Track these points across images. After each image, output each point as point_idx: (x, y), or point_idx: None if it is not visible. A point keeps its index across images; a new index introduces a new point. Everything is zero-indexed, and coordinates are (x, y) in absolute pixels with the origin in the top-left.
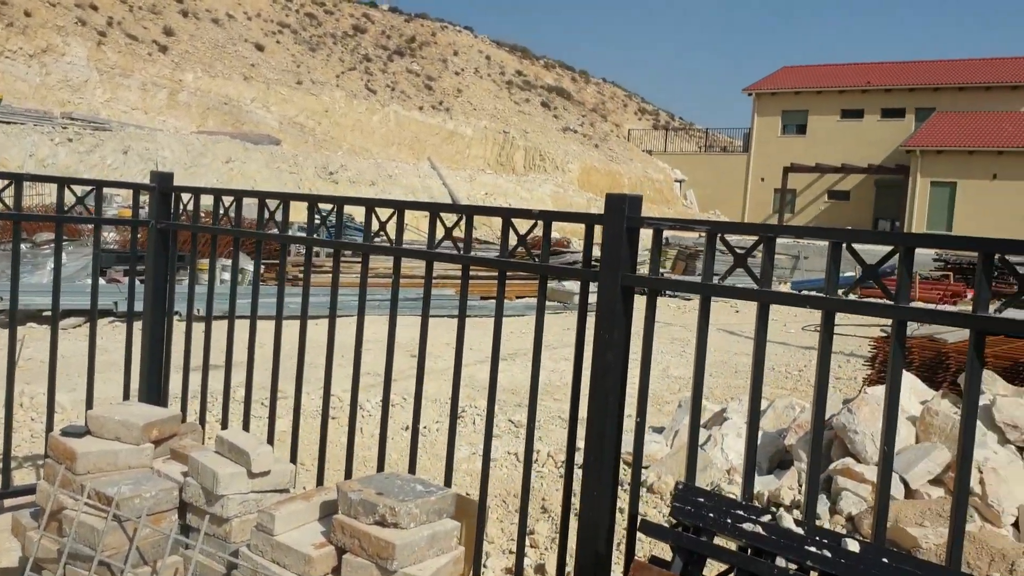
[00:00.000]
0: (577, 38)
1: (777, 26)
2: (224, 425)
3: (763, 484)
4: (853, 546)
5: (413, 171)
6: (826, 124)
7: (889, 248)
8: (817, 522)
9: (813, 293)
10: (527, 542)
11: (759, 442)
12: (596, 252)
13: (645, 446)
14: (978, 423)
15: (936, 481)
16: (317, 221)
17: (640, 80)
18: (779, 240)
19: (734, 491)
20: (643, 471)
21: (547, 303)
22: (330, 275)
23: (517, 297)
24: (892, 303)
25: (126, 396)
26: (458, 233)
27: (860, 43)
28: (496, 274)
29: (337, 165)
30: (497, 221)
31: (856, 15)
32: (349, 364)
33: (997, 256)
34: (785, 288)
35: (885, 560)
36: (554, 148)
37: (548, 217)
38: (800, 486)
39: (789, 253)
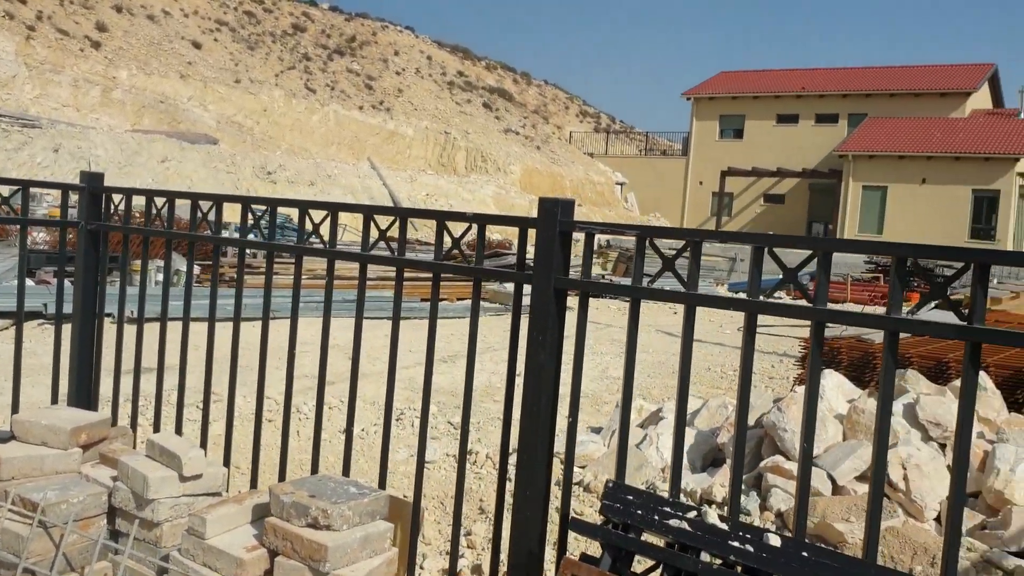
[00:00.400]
0: (519, 40)
1: (716, 31)
2: (156, 429)
3: (696, 482)
4: (774, 541)
5: (353, 171)
6: (762, 129)
7: (809, 252)
8: (748, 518)
9: (741, 295)
10: (464, 542)
11: (693, 441)
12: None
13: (583, 446)
14: (902, 421)
15: (862, 477)
16: (251, 222)
17: (582, 83)
18: (717, 243)
19: (668, 489)
20: (580, 470)
21: (490, 305)
22: (277, 277)
23: (458, 299)
24: (811, 305)
25: (54, 400)
26: (396, 234)
27: (796, 49)
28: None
29: (276, 165)
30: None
31: (793, 21)
32: (285, 366)
33: (909, 260)
34: (722, 289)
35: (805, 554)
36: (496, 149)
37: (482, 220)
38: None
39: (726, 255)
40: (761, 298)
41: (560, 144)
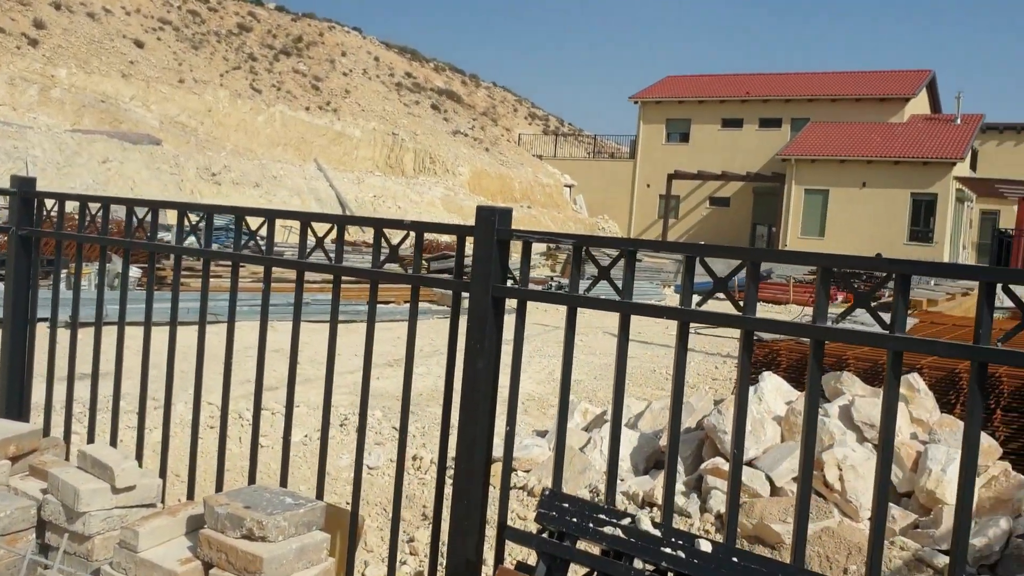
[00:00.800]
0: (468, 42)
1: (664, 35)
2: (91, 438)
3: (639, 484)
4: (706, 547)
5: (299, 172)
6: (708, 133)
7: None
8: (688, 520)
9: (673, 304)
10: (407, 549)
11: (637, 443)
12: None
13: (527, 450)
14: (838, 422)
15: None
16: (191, 227)
17: (530, 85)
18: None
19: None
20: (525, 475)
21: (437, 307)
22: (214, 280)
23: (405, 301)
24: (740, 314)
25: None
26: (351, 238)
27: (741, 53)
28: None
29: (220, 166)
30: (388, 217)
31: (738, 26)
32: (235, 372)
33: (835, 269)
34: (669, 291)
35: (735, 559)
36: (444, 151)
37: (419, 228)
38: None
39: (674, 258)
40: (693, 307)
41: (509, 146)
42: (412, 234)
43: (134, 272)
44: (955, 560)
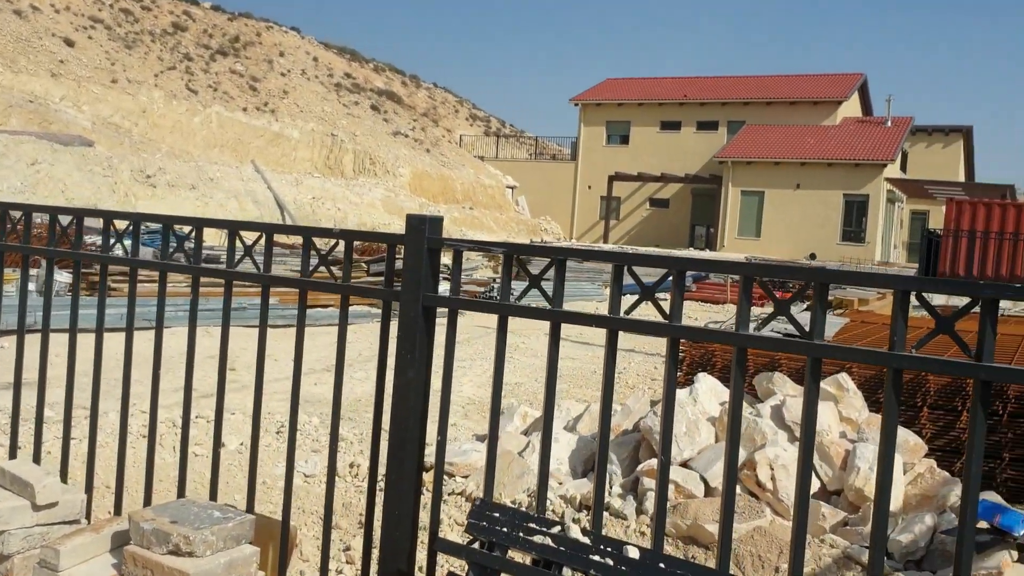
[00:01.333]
0: (407, 42)
1: (605, 38)
2: (12, 452)
3: (577, 487)
4: (634, 553)
5: (236, 174)
6: (647, 135)
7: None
8: (624, 523)
9: (603, 313)
10: (344, 558)
11: (575, 446)
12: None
13: (466, 455)
14: (770, 423)
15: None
16: (116, 235)
17: (471, 86)
18: (605, 247)
19: (552, 497)
20: (464, 480)
21: (376, 311)
22: (148, 285)
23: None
24: (666, 322)
25: None
26: (289, 241)
27: (681, 56)
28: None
29: (155, 168)
30: (327, 218)
31: (678, 29)
32: (169, 379)
33: (756, 279)
34: (607, 291)
35: (661, 565)
36: (384, 152)
37: (349, 236)
38: (610, 487)
39: (599, 260)
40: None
41: (450, 147)
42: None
43: (64, 278)
44: (873, 560)
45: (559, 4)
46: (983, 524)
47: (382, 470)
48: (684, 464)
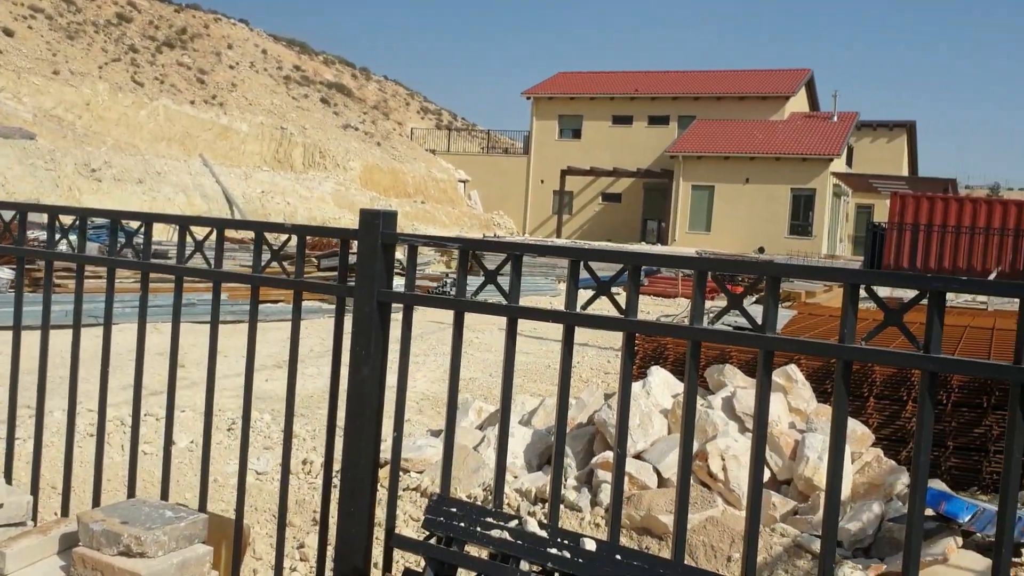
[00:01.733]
0: (357, 35)
1: (556, 31)
2: None
3: (532, 481)
4: (590, 545)
5: (184, 168)
6: (599, 129)
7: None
8: (579, 515)
9: (559, 308)
10: (298, 555)
11: (530, 440)
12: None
13: (421, 451)
14: (721, 414)
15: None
16: (61, 230)
17: (423, 79)
18: (559, 242)
19: (508, 491)
20: (419, 475)
21: (327, 306)
22: (96, 281)
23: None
24: (622, 317)
25: None
26: (239, 236)
27: (633, 51)
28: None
29: (100, 162)
30: (277, 213)
31: (631, 24)
32: (119, 377)
33: (709, 273)
34: (564, 287)
35: (618, 557)
36: (335, 146)
37: (301, 231)
38: (565, 480)
39: (554, 255)
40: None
41: (401, 141)
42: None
43: (6, 275)
44: (825, 549)
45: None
46: (929, 512)
47: (337, 467)
48: (638, 456)
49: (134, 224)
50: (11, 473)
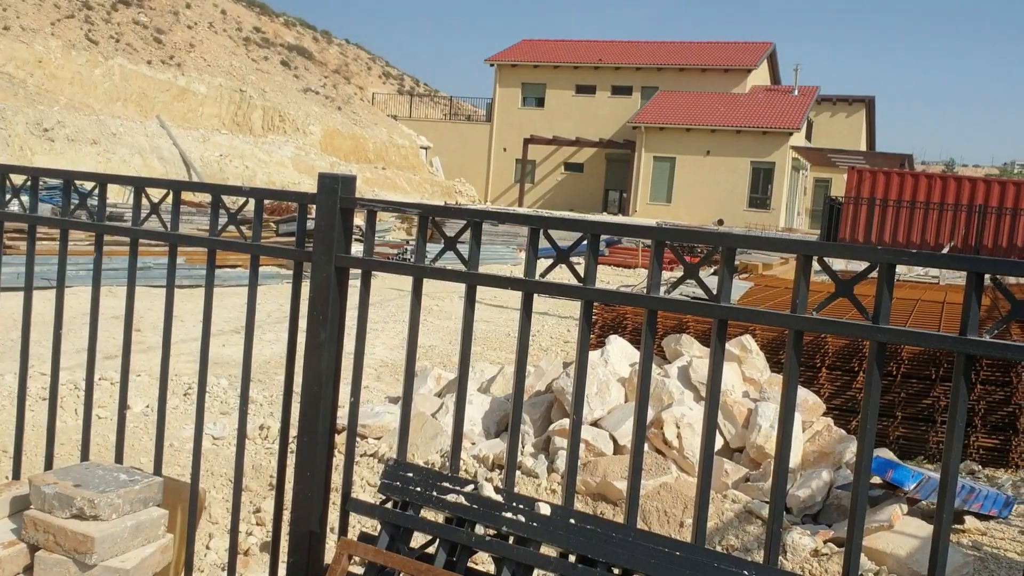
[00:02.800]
0: None
1: None
2: None
3: (490, 447)
4: (545, 510)
5: (140, 129)
6: (562, 98)
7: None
8: (536, 481)
9: (516, 275)
10: (254, 520)
11: (488, 407)
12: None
13: (379, 417)
14: (677, 383)
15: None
16: (12, 189)
17: (385, 43)
18: (520, 211)
19: (465, 457)
20: (376, 442)
21: (287, 272)
22: (48, 243)
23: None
24: (581, 285)
25: None
26: (195, 199)
27: (598, 20)
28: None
29: (53, 121)
30: (236, 176)
31: None
32: (72, 340)
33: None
34: (521, 255)
35: (572, 521)
36: (295, 109)
37: (259, 195)
38: (523, 447)
39: (514, 223)
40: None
41: (363, 106)
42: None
43: None
44: (773, 513)
45: None
46: (876, 480)
47: (293, 432)
48: (595, 423)
49: (88, 185)
50: None
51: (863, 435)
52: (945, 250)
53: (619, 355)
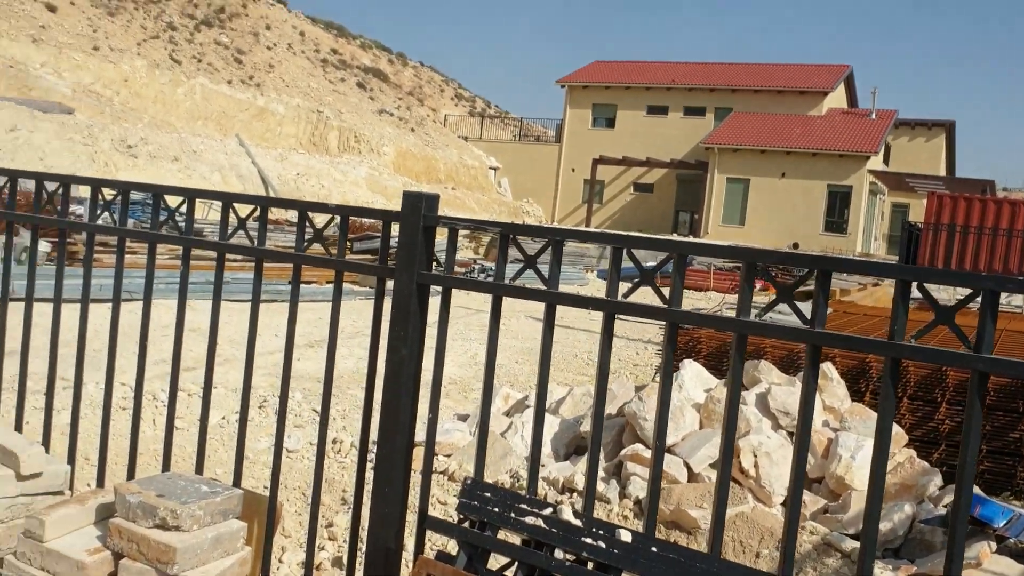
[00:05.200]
0: (395, 19)
1: (592, 19)
2: None
3: (559, 470)
4: (626, 536)
5: (220, 147)
6: (633, 119)
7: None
8: (607, 506)
9: (599, 294)
10: (326, 534)
11: (557, 429)
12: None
13: (448, 434)
14: (754, 410)
15: (717, 465)
16: (103, 203)
17: (458, 66)
18: (591, 231)
19: None
20: (445, 459)
21: (359, 288)
22: (130, 256)
23: (327, 281)
24: (666, 307)
25: None
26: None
27: (668, 41)
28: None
29: (137, 138)
30: (311, 195)
31: (666, 13)
32: (151, 352)
33: (759, 264)
34: (592, 276)
35: (654, 549)
36: (369, 130)
37: (345, 212)
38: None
39: (597, 242)
40: (620, 299)
41: (435, 127)
42: (336, 216)
43: (43, 247)
44: (864, 549)
45: None
46: None
47: (368, 446)
48: (668, 450)
49: (173, 201)
50: (49, 443)
51: (962, 470)
52: None
53: (694, 380)
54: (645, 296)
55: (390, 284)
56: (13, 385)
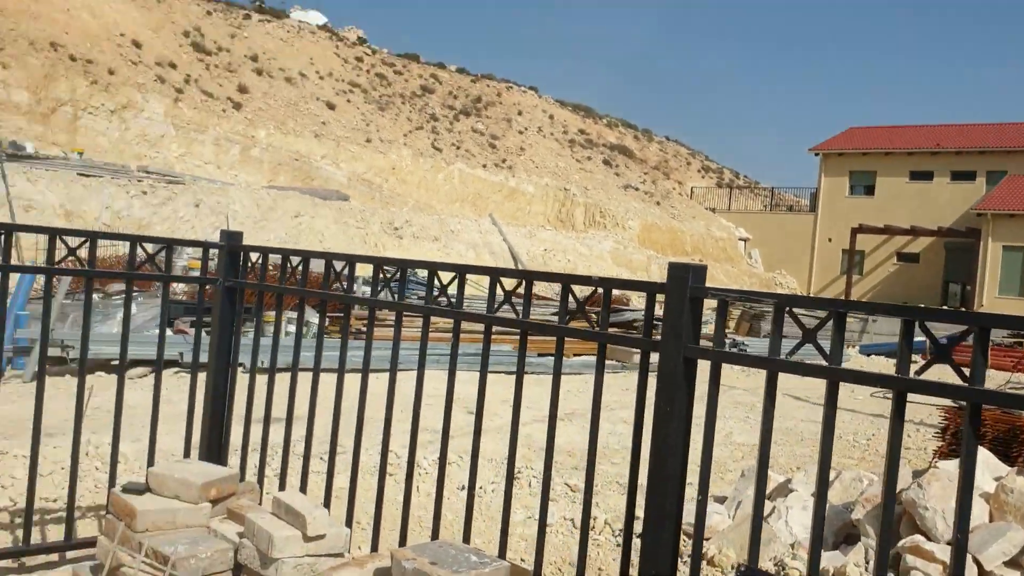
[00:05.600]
0: (640, 98)
1: (841, 85)
2: (282, 481)
3: (828, 560)
4: None
5: (475, 227)
6: (895, 185)
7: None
8: None
9: (878, 360)
10: None
11: (825, 516)
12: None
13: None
14: None
15: (1012, 563)
16: (382, 281)
17: (704, 138)
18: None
19: (798, 566)
20: (704, 542)
21: (609, 361)
22: (387, 329)
23: (575, 355)
24: (966, 385)
25: (187, 450)
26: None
27: (923, 105)
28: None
29: (402, 220)
30: (557, 269)
31: (921, 76)
32: (408, 419)
33: None
34: (854, 351)
35: None
36: (615, 205)
37: (608, 284)
38: (867, 563)
39: (857, 316)
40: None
41: (680, 199)
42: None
43: (314, 318)
44: None
45: (793, 57)
46: None
47: (633, 528)
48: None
49: (445, 277)
50: (328, 507)
51: None
52: None
53: (981, 467)
54: (937, 373)
55: (652, 358)
56: (296, 449)
